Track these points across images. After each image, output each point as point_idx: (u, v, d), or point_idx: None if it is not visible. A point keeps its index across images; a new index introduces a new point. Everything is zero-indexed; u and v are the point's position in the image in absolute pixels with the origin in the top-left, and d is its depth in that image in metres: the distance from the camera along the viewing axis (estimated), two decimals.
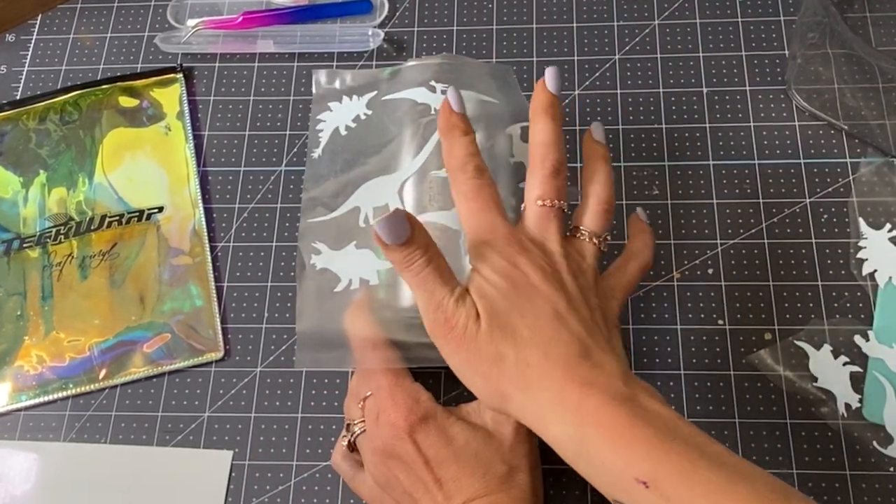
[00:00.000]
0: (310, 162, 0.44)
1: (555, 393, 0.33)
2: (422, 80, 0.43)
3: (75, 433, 0.50)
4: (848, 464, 0.45)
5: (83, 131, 0.57)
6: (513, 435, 0.39)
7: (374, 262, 0.41)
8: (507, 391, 0.34)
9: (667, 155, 0.54)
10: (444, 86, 0.43)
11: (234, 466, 0.48)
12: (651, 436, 0.32)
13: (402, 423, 0.39)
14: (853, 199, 0.52)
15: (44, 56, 0.61)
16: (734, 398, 0.47)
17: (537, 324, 0.35)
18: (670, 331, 0.49)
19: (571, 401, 0.33)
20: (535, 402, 0.34)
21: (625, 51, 0.57)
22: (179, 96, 0.58)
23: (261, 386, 0.50)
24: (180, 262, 0.53)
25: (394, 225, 0.35)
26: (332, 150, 0.44)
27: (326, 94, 0.46)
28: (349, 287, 0.41)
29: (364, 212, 0.42)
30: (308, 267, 0.42)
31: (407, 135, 0.43)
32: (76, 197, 0.55)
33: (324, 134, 0.45)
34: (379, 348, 0.40)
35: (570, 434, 0.33)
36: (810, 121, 0.54)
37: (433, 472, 0.38)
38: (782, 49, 0.57)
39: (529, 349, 0.34)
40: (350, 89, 0.46)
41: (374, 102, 0.45)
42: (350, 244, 0.42)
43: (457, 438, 0.39)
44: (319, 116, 0.46)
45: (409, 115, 0.43)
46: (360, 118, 0.45)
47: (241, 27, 0.59)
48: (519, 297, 0.35)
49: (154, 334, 0.51)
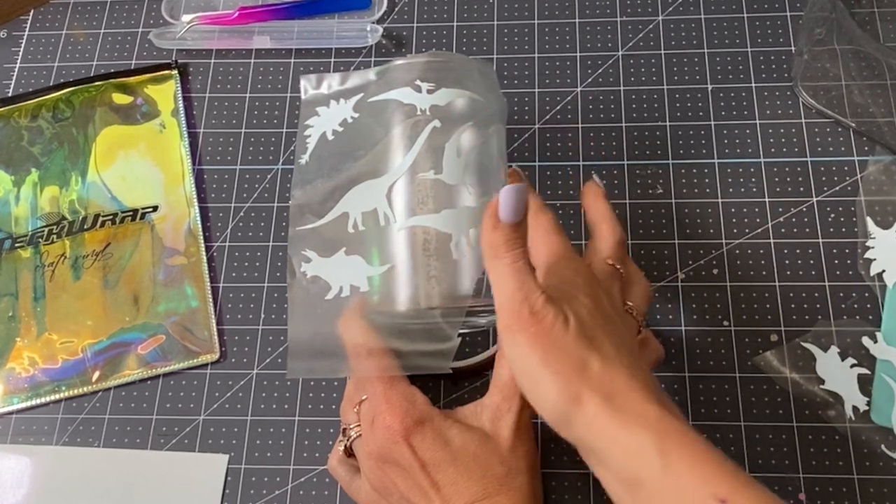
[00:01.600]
0: (297, 168, 0.44)
1: (637, 404, 0.34)
2: (407, 80, 0.43)
3: (68, 437, 0.49)
4: (856, 467, 0.45)
5: (76, 129, 0.57)
6: (511, 436, 0.39)
7: (364, 269, 0.41)
8: (584, 396, 0.34)
9: (671, 153, 0.54)
10: (429, 85, 0.43)
11: (229, 470, 0.48)
12: (725, 460, 0.33)
13: (398, 427, 0.38)
14: (861, 197, 0.51)
15: (36, 52, 0.61)
16: (740, 401, 0.47)
17: (622, 347, 0.36)
18: (675, 332, 0.49)
19: (652, 417, 0.34)
20: (615, 412, 0.34)
21: (628, 47, 0.57)
22: (174, 93, 0.58)
23: (257, 388, 0.50)
24: (175, 262, 0.53)
25: (517, 199, 0.35)
26: (320, 155, 0.44)
27: (314, 100, 0.46)
28: (340, 294, 0.41)
29: (353, 217, 0.42)
30: (298, 275, 0.42)
31: (394, 136, 0.42)
32: (69, 196, 0.55)
33: (311, 139, 0.45)
34: (374, 355, 0.40)
35: (647, 446, 0.33)
36: (817, 118, 0.54)
37: (430, 476, 0.38)
38: (788, 45, 0.56)
39: (615, 365, 0.35)
40: (337, 93, 0.46)
41: (360, 105, 0.44)
42: (340, 251, 0.42)
43: (454, 441, 0.39)
44: (308, 122, 0.45)
45: (395, 115, 0.43)
46: (346, 121, 0.45)
47: (238, 23, 0.59)
48: (605, 321, 0.37)
49: (148, 336, 0.51)
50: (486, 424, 0.40)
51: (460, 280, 0.39)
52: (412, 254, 0.40)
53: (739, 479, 0.32)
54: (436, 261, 0.40)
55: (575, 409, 0.34)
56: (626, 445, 0.33)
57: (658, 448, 0.33)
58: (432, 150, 0.41)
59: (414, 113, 0.42)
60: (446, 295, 0.39)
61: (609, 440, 0.34)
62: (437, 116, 0.42)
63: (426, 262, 0.40)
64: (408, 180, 0.41)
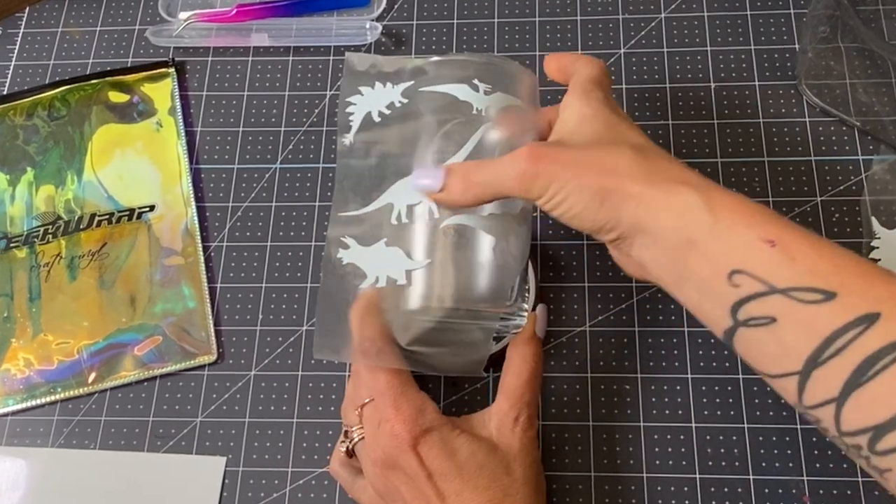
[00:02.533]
0: (341, 149, 0.44)
1: (678, 173, 0.36)
2: (464, 77, 0.43)
3: (64, 439, 0.49)
4: (860, 471, 0.45)
5: (72, 127, 0.57)
6: (518, 445, 0.39)
7: (403, 262, 0.41)
8: (626, 179, 0.36)
9: (673, 152, 0.54)
10: (486, 86, 0.43)
11: (227, 473, 0.48)
12: (771, 212, 0.35)
13: (406, 435, 0.38)
14: (865, 197, 0.51)
15: (31, 50, 0.61)
16: (743, 402, 0.47)
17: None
18: (677, 333, 0.49)
19: (694, 181, 0.36)
20: (661, 181, 0.36)
21: (630, 45, 0.57)
22: (171, 91, 0.58)
23: (255, 390, 0.50)
24: (172, 262, 0.53)
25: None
26: (366, 139, 0.44)
27: (358, 78, 0.45)
28: (375, 285, 0.41)
29: (397, 209, 0.42)
30: (334, 260, 0.42)
31: (447, 131, 0.42)
32: (64, 195, 0.55)
33: (355, 118, 0.44)
34: (383, 349, 0.40)
35: (696, 205, 0.35)
36: (821, 117, 0.54)
37: (436, 486, 0.38)
38: (792, 43, 0.56)
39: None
40: (384, 75, 0.45)
41: (410, 92, 0.44)
42: (380, 241, 0.41)
43: (461, 451, 0.38)
44: (350, 99, 0.45)
45: (449, 110, 0.42)
46: (394, 105, 0.44)
47: (235, 20, 0.59)
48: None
49: (145, 337, 0.51)
50: (494, 433, 0.40)
51: (490, 284, 0.40)
52: (454, 253, 0.40)
53: (785, 223, 0.34)
54: (468, 261, 0.40)
55: (622, 186, 0.36)
56: (676, 209, 0.35)
57: (707, 205, 0.35)
58: (484, 152, 0.41)
59: (469, 111, 0.42)
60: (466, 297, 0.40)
61: (660, 208, 0.35)
62: (491, 119, 0.42)
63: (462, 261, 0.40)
64: None
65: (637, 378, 0.48)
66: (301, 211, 0.54)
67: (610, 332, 0.50)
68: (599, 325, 0.50)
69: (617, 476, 0.46)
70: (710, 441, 0.47)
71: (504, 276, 0.41)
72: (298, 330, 0.51)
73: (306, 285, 0.52)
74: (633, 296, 0.50)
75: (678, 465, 0.46)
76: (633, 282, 0.50)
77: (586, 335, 0.50)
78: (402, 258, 0.41)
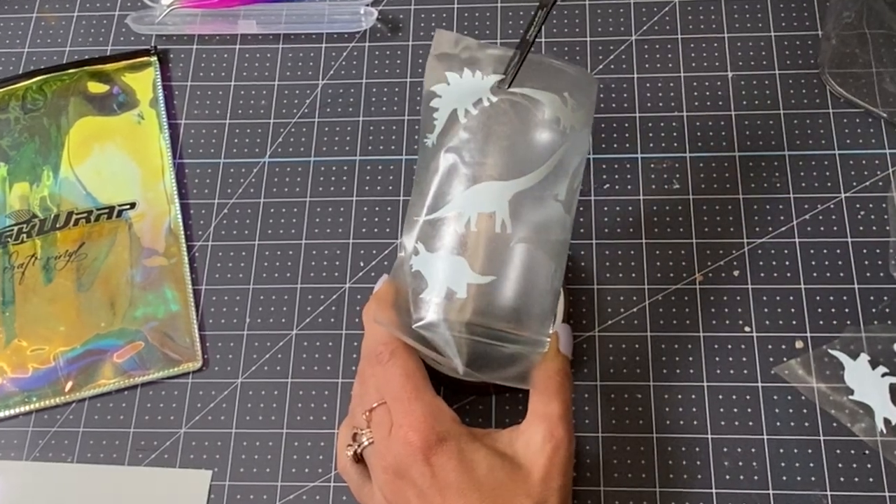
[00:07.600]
0: (422, 150, 0.43)
1: None
2: (556, 87, 0.43)
3: (39, 451, 0.49)
4: (887, 484, 0.45)
5: (48, 120, 0.57)
6: (545, 467, 0.38)
7: (467, 274, 0.41)
8: None
9: (688, 145, 0.54)
10: (574, 102, 0.43)
11: (213, 487, 0.48)
12: None
13: (419, 443, 0.38)
14: (893, 193, 0.51)
15: (4, 37, 0.61)
16: (762, 412, 0.47)
17: None
18: (692, 338, 0.49)
19: None
20: None
21: (642, 31, 0.57)
22: (153, 82, 0.58)
23: (242, 399, 0.50)
24: (154, 263, 0.53)
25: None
26: (449, 140, 0.43)
27: (445, 60, 0.44)
28: (435, 297, 0.41)
29: (467, 216, 0.42)
30: (406, 267, 0.42)
31: (531, 142, 0.42)
32: (40, 192, 0.55)
33: (440, 115, 0.43)
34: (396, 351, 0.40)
35: None
36: (846, 108, 0.54)
37: (448, 501, 0.37)
38: (815, 29, 0.56)
39: None
40: (473, 61, 0.44)
41: (499, 91, 0.43)
42: (447, 249, 0.41)
43: (479, 465, 0.38)
44: (434, 88, 0.44)
45: (537, 120, 0.42)
46: (482, 103, 0.43)
47: (221, 6, 0.59)
48: None
49: (125, 343, 0.51)
50: (520, 451, 0.39)
51: (543, 309, 0.41)
52: (522, 271, 0.41)
53: None
54: (531, 284, 0.41)
55: None
56: None
57: None
58: (562, 173, 0.42)
59: (557, 126, 0.42)
60: (517, 319, 0.40)
61: None
62: (572, 138, 0.42)
63: (524, 283, 0.41)
64: (537, 195, 0.41)
65: (649, 386, 0.48)
66: (291, 207, 0.54)
67: (620, 338, 0.50)
68: (609, 330, 0.50)
69: (629, 490, 0.46)
70: (728, 454, 0.47)
71: (555, 302, 0.41)
72: (288, 334, 0.51)
73: (296, 286, 0.52)
74: (646, 298, 0.50)
75: (693, 478, 0.46)
76: (646, 283, 0.50)
77: (595, 341, 0.50)
78: (465, 270, 0.41)
